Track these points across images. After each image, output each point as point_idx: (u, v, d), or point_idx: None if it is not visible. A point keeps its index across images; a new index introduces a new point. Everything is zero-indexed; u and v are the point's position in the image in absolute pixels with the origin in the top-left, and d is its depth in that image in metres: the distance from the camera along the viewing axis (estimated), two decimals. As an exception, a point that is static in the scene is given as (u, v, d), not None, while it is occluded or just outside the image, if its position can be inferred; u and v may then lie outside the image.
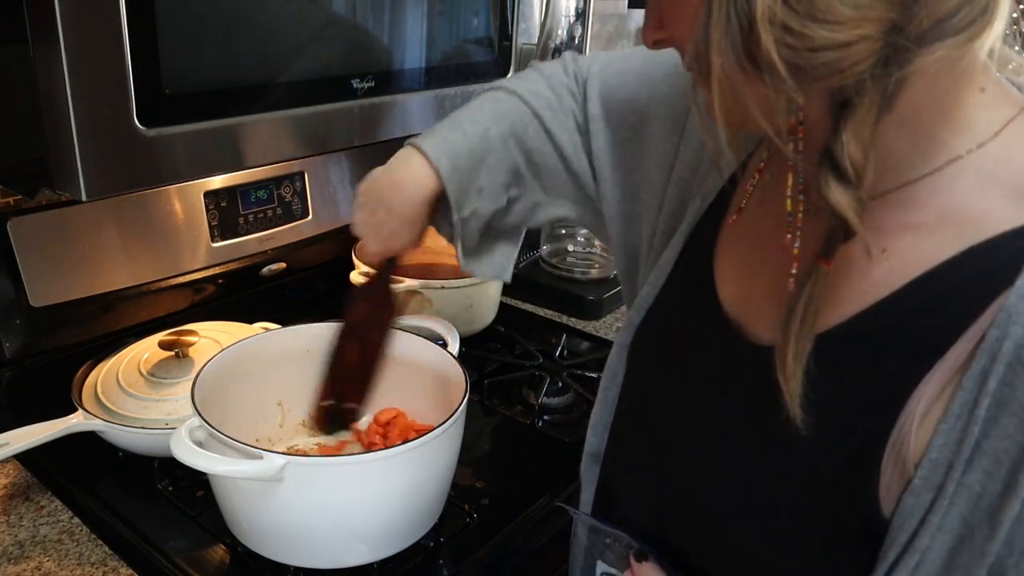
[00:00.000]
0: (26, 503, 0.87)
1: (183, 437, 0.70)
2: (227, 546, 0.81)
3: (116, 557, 0.80)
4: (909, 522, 0.48)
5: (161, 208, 1.07)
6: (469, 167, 0.72)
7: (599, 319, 1.43)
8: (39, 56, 0.60)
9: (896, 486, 0.48)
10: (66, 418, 0.88)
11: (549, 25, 1.00)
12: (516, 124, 0.75)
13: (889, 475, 0.48)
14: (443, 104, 0.95)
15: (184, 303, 1.14)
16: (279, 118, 0.75)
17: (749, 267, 0.60)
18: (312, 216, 1.25)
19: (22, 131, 0.67)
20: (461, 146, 0.71)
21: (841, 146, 0.43)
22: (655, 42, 0.54)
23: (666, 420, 0.64)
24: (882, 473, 0.49)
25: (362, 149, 1.34)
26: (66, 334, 1.01)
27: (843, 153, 0.43)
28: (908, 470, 0.48)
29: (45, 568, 0.78)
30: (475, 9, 0.96)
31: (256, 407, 0.91)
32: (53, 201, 0.98)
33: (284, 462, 0.69)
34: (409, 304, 1.19)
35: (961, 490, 0.46)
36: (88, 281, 1.00)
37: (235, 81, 0.71)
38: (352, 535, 0.76)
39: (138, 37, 0.62)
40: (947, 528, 0.47)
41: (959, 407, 0.45)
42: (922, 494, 0.47)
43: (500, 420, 1.08)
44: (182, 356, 0.99)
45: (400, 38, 0.87)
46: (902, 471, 0.48)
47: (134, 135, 0.64)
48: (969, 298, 0.46)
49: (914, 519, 0.47)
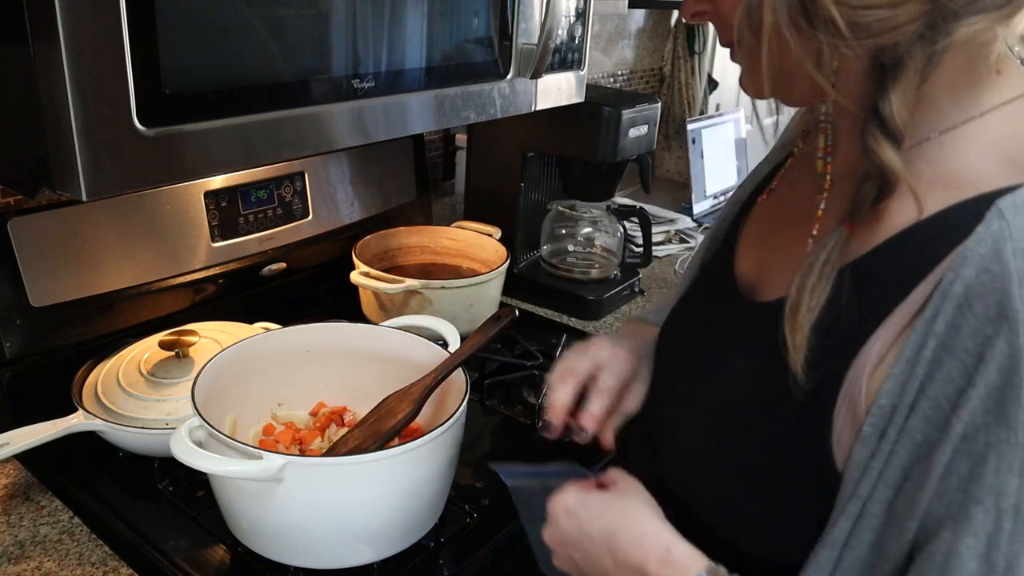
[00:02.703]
0: (26, 503, 0.87)
1: (183, 437, 0.70)
2: (227, 546, 0.81)
3: (116, 557, 0.80)
4: (856, 473, 0.48)
5: (161, 208, 1.07)
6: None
7: (599, 319, 1.43)
8: (39, 56, 0.60)
9: (848, 437, 0.49)
10: (66, 418, 0.88)
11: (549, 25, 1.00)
12: None
13: (841, 424, 0.49)
14: (443, 104, 0.94)
15: (184, 303, 1.14)
16: (279, 118, 0.75)
17: (766, 240, 0.63)
18: (312, 216, 1.25)
19: (22, 131, 0.67)
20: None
21: (890, 105, 0.46)
22: (694, 14, 0.57)
23: (665, 371, 0.67)
24: (834, 422, 0.49)
25: (362, 149, 1.34)
26: (66, 334, 1.01)
27: (892, 112, 0.46)
28: (860, 419, 0.48)
29: (45, 568, 0.78)
30: (475, 9, 0.96)
31: (256, 407, 0.91)
32: (53, 201, 0.98)
33: (284, 462, 0.69)
34: (409, 304, 1.19)
35: (903, 438, 0.46)
36: (88, 281, 1.00)
37: (235, 81, 0.71)
38: (352, 535, 0.76)
39: (138, 37, 0.62)
40: (888, 478, 0.46)
41: (909, 351, 0.46)
42: (870, 443, 0.47)
43: (500, 420, 1.08)
44: (182, 356, 0.99)
45: (400, 38, 0.87)
46: (853, 420, 0.48)
47: (134, 135, 0.64)
48: (936, 248, 0.46)
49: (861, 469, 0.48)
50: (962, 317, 0.43)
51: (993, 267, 0.42)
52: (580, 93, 1.20)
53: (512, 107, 1.06)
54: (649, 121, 1.46)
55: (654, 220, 1.71)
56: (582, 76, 1.19)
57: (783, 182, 0.65)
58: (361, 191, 1.35)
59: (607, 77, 2.19)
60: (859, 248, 0.51)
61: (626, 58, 2.26)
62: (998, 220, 0.43)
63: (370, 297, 1.23)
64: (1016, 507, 0.42)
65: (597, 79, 2.14)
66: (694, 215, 2.05)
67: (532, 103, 1.10)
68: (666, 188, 2.28)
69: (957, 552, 0.43)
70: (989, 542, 0.43)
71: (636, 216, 1.54)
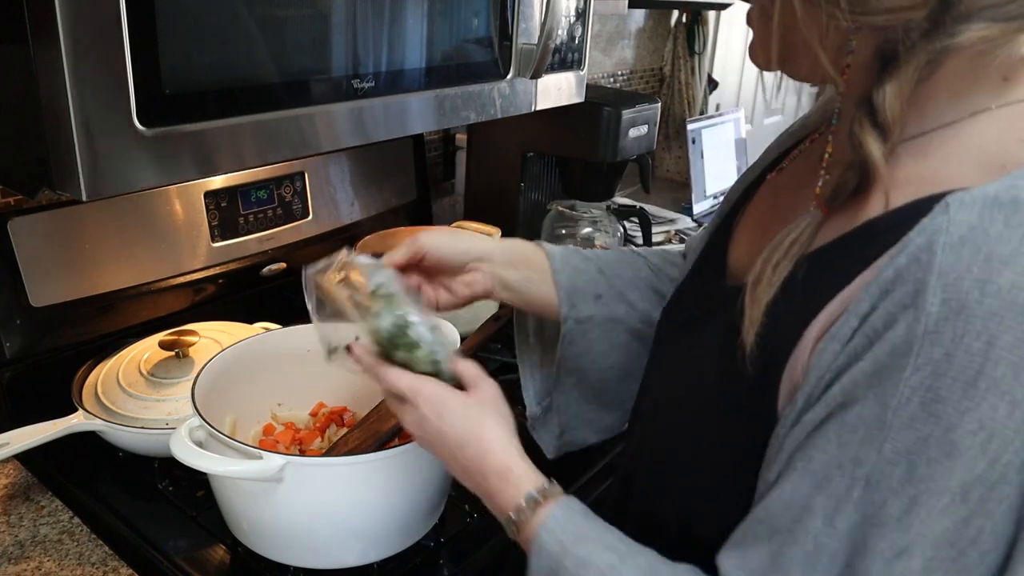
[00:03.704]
0: (26, 503, 0.87)
1: (183, 437, 0.70)
2: (227, 546, 0.81)
3: (116, 557, 0.80)
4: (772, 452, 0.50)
5: (161, 208, 1.07)
6: None
7: (599, 319, 1.43)
8: (39, 56, 0.60)
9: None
10: (66, 418, 0.88)
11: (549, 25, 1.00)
12: None
13: (783, 403, 0.50)
14: (443, 104, 0.95)
15: (184, 303, 1.14)
16: (279, 118, 0.75)
17: (764, 222, 0.63)
18: (312, 216, 1.25)
19: (22, 131, 0.67)
20: None
21: (883, 96, 0.46)
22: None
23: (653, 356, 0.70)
24: (780, 401, 0.50)
25: (362, 149, 1.34)
26: (66, 334, 1.01)
27: (884, 104, 0.46)
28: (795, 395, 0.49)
29: (45, 568, 0.78)
30: (475, 9, 0.96)
31: (256, 407, 0.91)
32: (53, 201, 0.98)
33: (284, 462, 0.69)
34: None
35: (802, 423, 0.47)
36: (88, 281, 1.00)
37: (235, 81, 0.71)
38: (352, 535, 0.76)
39: (138, 37, 0.62)
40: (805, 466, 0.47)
41: (836, 331, 0.46)
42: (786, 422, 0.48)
43: (500, 420, 1.08)
44: (182, 356, 0.99)
45: (400, 38, 0.87)
46: (790, 397, 0.49)
47: (134, 135, 0.64)
48: (887, 237, 0.46)
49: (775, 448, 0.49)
50: (881, 300, 0.43)
51: (923, 257, 0.42)
52: (580, 93, 1.20)
53: (512, 107, 1.06)
54: (649, 121, 1.46)
55: (654, 220, 1.71)
56: (582, 76, 1.19)
57: (793, 164, 0.66)
58: (361, 191, 1.35)
59: (607, 77, 2.19)
60: (827, 236, 0.51)
61: (626, 58, 2.26)
62: (942, 214, 0.42)
63: (370, 297, 1.23)
64: (867, 479, 0.43)
65: (597, 79, 2.14)
66: (694, 215, 2.05)
67: (532, 103, 1.10)
68: (666, 188, 2.28)
69: (810, 508, 0.45)
70: (837, 506, 0.44)
71: (636, 216, 1.54)
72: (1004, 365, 0.39)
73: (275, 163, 1.17)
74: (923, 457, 0.41)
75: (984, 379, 0.40)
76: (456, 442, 0.60)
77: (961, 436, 0.40)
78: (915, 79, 0.46)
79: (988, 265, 0.40)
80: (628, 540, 0.54)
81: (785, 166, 0.66)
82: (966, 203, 0.42)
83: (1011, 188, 0.42)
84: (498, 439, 0.60)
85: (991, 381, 0.39)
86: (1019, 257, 0.40)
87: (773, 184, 0.66)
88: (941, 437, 0.40)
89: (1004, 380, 0.39)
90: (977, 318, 0.39)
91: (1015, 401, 0.40)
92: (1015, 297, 0.39)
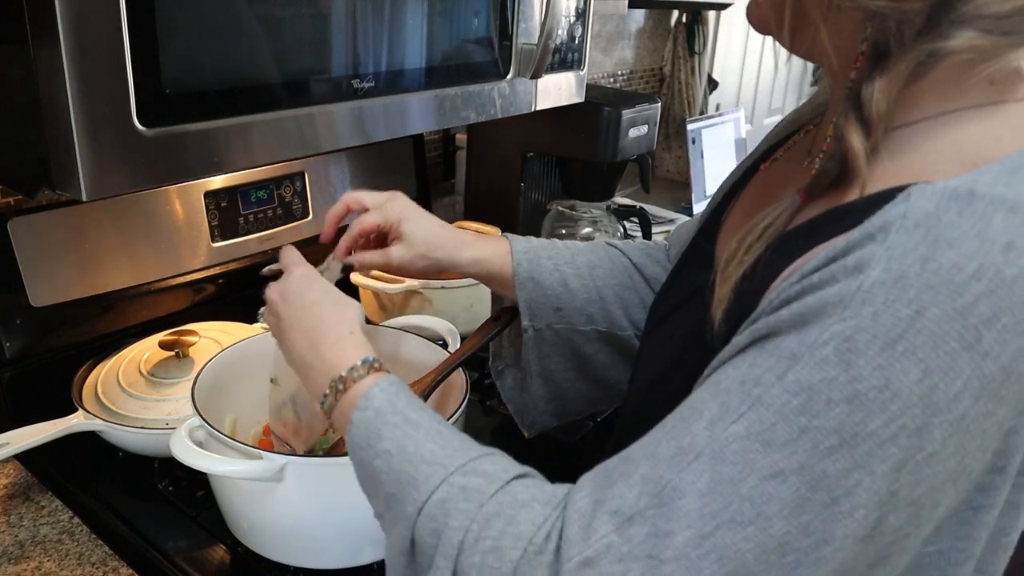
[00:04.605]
0: (26, 503, 0.87)
1: (183, 437, 0.70)
2: (227, 546, 0.81)
3: (116, 557, 0.80)
4: None
5: (161, 208, 1.07)
6: None
7: (599, 319, 1.43)
8: (39, 56, 0.60)
9: None
10: (66, 418, 0.88)
11: (549, 25, 1.00)
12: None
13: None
14: (443, 104, 0.95)
15: (184, 303, 1.14)
16: (279, 118, 0.75)
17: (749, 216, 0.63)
18: (312, 216, 1.25)
19: (22, 131, 0.67)
20: None
21: (871, 91, 0.47)
22: None
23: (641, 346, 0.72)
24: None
25: (362, 149, 1.34)
26: (66, 334, 1.01)
27: (871, 99, 0.47)
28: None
29: (45, 568, 0.78)
30: (475, 9, 0.96)
31: (256, 407, 0.91)
32: (53, 201, 0.98)
33: (284, 462, 0.69)
34: (409, 304, 1.19)
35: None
36: (88, 281, 1.00)
37: (235, 81, 0.71)
38: (352, 535, 0.76)
39: (138, 37, 0.62)
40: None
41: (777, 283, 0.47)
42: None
43: (500, 420, 1.08)
44: (182, 356, 0.99)
45: (400, 38, 0.87)
46: None
47: (134, 135, 0.64)
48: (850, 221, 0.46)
49: None
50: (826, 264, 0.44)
51: (877, 236, 0.43)
52: (580, 93, 1.20)
53: (512, 107, 1.06)
54: (649, 121, 1.46)
55: (654, 220, 1.71)
56: (582, 76, 1.19)
57: (786, 155, 0.66)
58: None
59: (607, 77, 2.19)
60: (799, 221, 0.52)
61: (626, 58, 2.26)
62: (904, 201, 0.43)
63: (370, 297, 1.23)
64: (759, 399, 0.43)
65: (597, 79, 2.14)
66: (694, 215, 2.05)
67: (532, 103, 1.10)
68: (666, 188, 2.28)
69: (699, 411, 0.46)
70: (723, 414, 0.44)
71: (636, 216, 1.54)
72: (926, 335, 0.40)
73: (275, 163, 1.17)
74: (823, 396, 0.41)
75: (903, 343, 0.40)
76: (311, 301, 0.65)
77: (866, 388, 0.41)
78: (904, 79, 0.47)
79: (935, 245, 0.41)
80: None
81: (778, 156, 0.66)
82: (926, 193, 0.43)
83: (971, 182, 0.43)
84: (350, 320, 0.64)
85: (910, 346, 0.40)
86: (965, 242, 0.41)
87: (765, 175, 0.66)
88: (846, 384, 0.41)
89: (922, 348, 0.40)
90: (912, 288, 0.40)
91: (927, 370, 0.40)
92: (953, 276, 0.40)
